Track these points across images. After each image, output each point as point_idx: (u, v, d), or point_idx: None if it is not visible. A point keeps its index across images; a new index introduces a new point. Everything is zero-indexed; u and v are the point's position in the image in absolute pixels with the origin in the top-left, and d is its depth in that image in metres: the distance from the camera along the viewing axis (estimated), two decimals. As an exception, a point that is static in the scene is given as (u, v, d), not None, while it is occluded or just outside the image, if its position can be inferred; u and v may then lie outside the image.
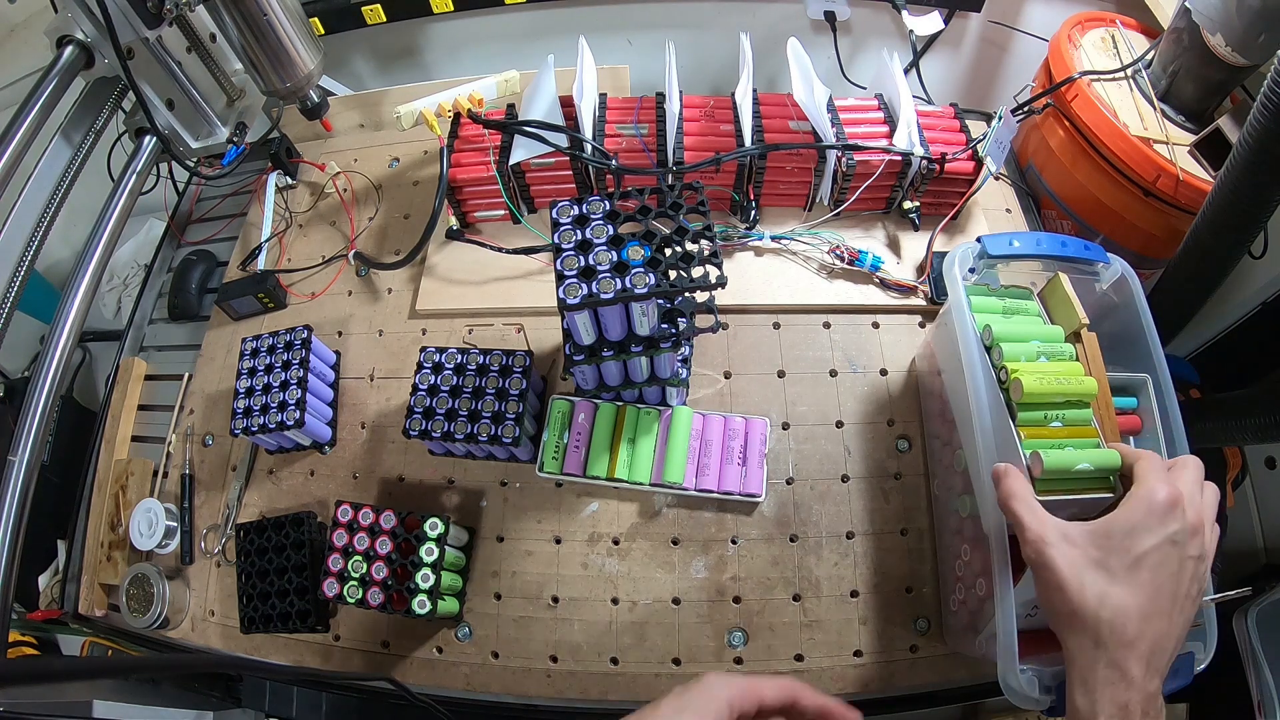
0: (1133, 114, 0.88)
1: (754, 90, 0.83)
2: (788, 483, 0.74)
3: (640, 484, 0.71)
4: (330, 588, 0.67)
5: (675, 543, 0.72)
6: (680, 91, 0.83)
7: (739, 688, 0.43)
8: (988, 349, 0.60)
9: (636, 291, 0.55)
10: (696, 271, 0.58)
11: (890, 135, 0.81)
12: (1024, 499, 0.49)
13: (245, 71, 0.87)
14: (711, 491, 0.71)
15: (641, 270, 0.56)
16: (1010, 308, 0.64)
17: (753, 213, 0.84)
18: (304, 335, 0.80)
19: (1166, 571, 0.45)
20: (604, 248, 0.58)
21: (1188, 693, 0.61)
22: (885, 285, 0.82)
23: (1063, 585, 0.46)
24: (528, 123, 0.80)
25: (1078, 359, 0.60)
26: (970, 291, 0.63)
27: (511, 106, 0.87)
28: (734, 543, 0.72)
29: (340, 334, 0.89)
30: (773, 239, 0.84)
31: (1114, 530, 0.46)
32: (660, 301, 0.62)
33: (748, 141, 0.79)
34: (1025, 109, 0.97)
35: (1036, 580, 0.48)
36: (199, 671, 0.83)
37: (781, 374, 0.79)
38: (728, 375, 0.79)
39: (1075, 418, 0.57)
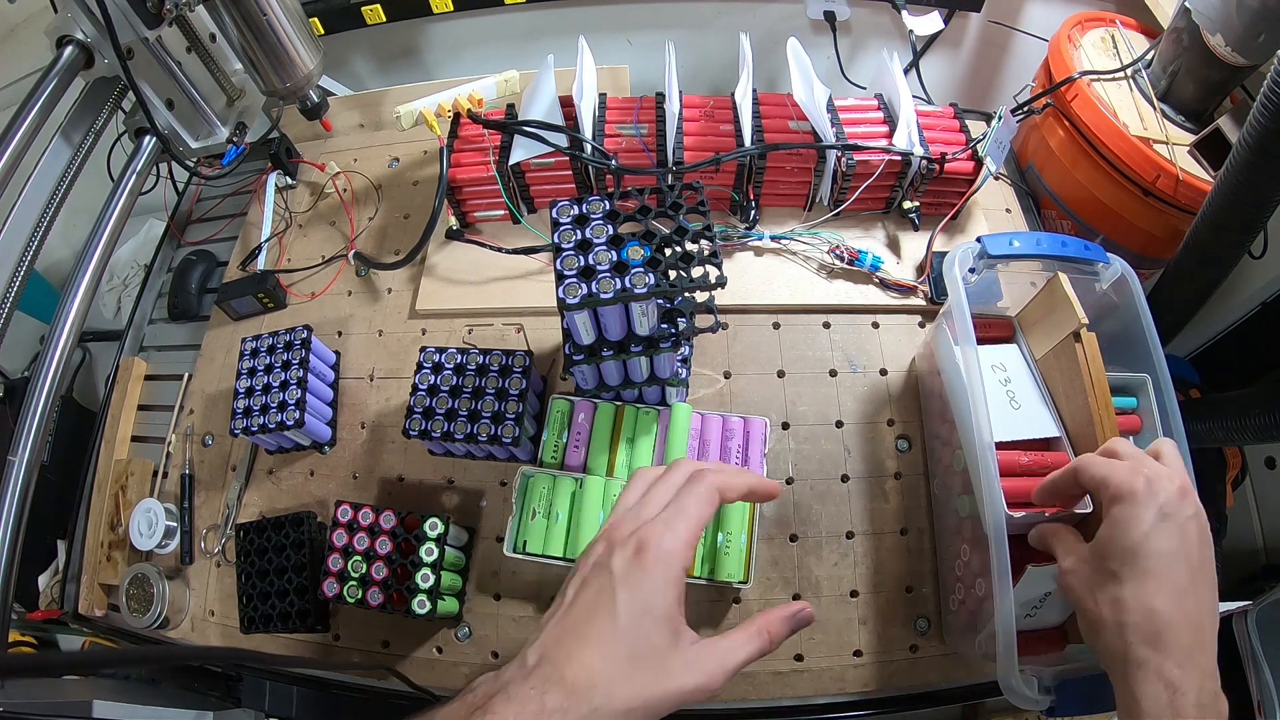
0: (1133, 114, 0.88)
1: (754, 90, 0.83)
2: (788, 482, 0.74)
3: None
4: (330, 588, 0.67)
5: (675, 543, 0.72)
6: (680, 91, 0.83)
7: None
8: None
9: (636, 291, 0.55)
10: (696, 271, 0.58)
11: (890, 135, 0.81)
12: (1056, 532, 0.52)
13: (245, 71, 0.87)
14: (711, 491, 0.70)
15: (641, 270, 0.56)
16: None
17: (753, 213, 0.84)
18: (304, 335, 0.80)
19: (1169, 547, 0.43)
20: (604, 248, 0.58)
21: (1188, 693, 0.61)
22: (885, 285, 0.82)
23: (1081, 606, 0.46)
24: (528, 123, 0.80)
25: None
26: None
27: (511, 106, 0.87)
28: (734, 543, 0.71)
29: (340, 334, 0.89)
30: (772, 239, 0.84)
31: (1104, 535, 0.46)
32: (660, 301, 0.62)
33: (748, 141, 0.79)
34: (1025, 109, 0.97)
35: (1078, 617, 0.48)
36: (191, 662, 0.83)
37: (781, 374, 0.79)
38: (728, 375, 0.79)
39: None
